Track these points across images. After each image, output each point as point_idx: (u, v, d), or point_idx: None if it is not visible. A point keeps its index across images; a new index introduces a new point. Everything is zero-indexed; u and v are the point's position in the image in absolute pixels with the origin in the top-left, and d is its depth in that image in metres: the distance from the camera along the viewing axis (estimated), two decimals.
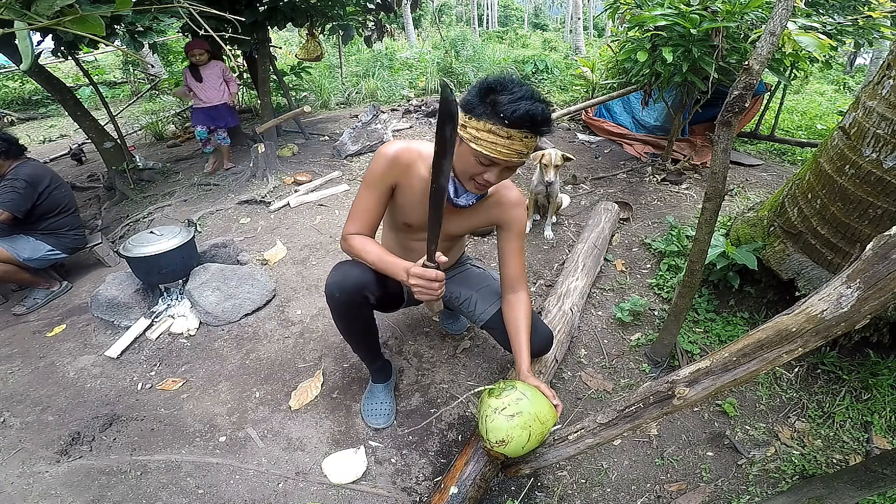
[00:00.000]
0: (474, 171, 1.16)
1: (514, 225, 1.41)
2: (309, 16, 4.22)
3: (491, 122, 1.06)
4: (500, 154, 1.09)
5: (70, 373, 2.06)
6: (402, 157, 1.28)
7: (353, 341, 1.62)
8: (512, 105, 1.04)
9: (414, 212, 1.38)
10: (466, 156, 1.14)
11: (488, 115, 1.07)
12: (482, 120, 1.07)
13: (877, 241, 0.88)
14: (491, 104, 1.06)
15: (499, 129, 1.06)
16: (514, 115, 1.04)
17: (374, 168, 1.29)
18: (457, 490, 1.32)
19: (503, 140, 1.07)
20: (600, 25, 21.14)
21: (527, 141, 1.10)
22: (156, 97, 7.74)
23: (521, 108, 1.04)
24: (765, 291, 2.06)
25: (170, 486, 1.52)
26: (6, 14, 0.60)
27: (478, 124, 1.08)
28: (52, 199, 2.57)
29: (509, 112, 1.04)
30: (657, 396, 1.16)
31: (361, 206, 1.34)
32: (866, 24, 3.12)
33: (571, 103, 6.06)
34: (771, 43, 1.21)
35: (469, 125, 1.10)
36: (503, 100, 1.05)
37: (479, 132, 1.08)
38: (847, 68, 10.27)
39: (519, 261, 1.45)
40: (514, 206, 1.39)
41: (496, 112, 1.05)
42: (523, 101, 1.04)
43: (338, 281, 1.38)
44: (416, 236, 1.50)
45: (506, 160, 1.11)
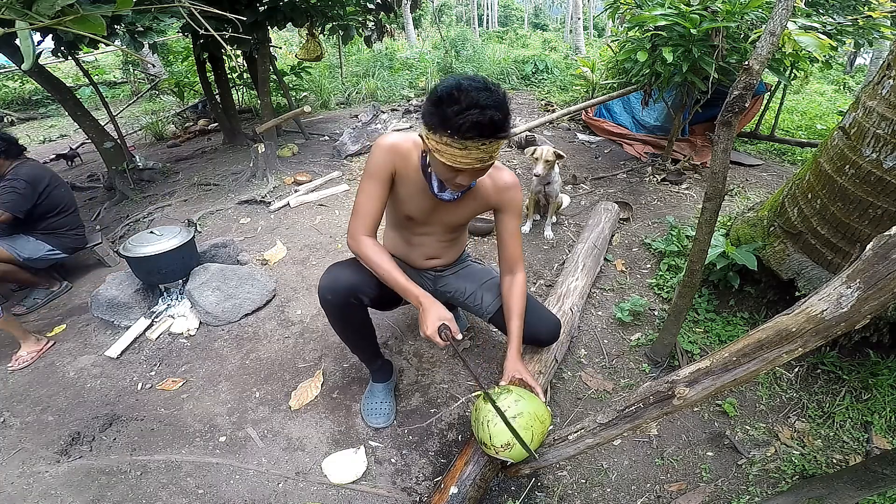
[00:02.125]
0: (447, 176, 1.18)
1: (510, 206, 1.43)
2: (309, 16, 4.21)
3: (446, 136, 1.06)
4: (461, 164, 1.10)
5: (70, 373, 2.06)
6: (399, 146, 1.30)
7: (351, 342, 1.62)
8: (459, 119, 1.02)
9: (414, 203, 1.39)
10: (436, 163, 1.16)
11: (441, 130, 1.06)
12: (437, 133, 1.07)
13: (877, 241, 0.88)
14: (441, 118, 1.05)
15: (453, 141, 1.06)
16: (463, 129, 1.02)
17: (374, 159, 1.31)
18: (457, 490, 1.32)
19: (460, 151, 1.07)
20: (600, 25, 21.14)
21: (485, 148, 1.08)
22: (156, 97, 7.75)
23: (468, 121, 1.01)
24: (765, 291, 2.06)
25: (170, 486, 1.52)
26: (7, 14, 0.60)
27: (435, 137, 1.08)
28: (52, 200, 2.57)
29: (456, 126, 1.02)
30: (657, 396, 1.16)
31: (366, 198, 1.33)
32: (866, 24, 3.12)
33: (571, 103, 6.06)
34: (771, 43, 1.21)
35: (430, 138, 1.10)
36: (450, 113, 1.03)
37: (438, 145, 1.09)
38: (847, 68, 10.26)
39: (516, 241, 1.48)
40: (509, 188, 1.41)
41: (445, 127, 1.05)
42: (470, 113, 1.01)
43: (329, 284, 1.39)
44: (418, 230, 1.51)
45: (469, 167, 1.11)
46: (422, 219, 1.45)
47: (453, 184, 1.21)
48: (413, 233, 1.53)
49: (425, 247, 1.57)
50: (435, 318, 1.24)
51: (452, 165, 1.10)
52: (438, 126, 1.06)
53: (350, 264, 1.46)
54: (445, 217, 1.46)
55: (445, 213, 1.45)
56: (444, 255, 1.64)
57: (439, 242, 1.57)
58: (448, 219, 1.47)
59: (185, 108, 6.74)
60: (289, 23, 4.16)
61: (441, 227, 1.51)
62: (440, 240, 1.56)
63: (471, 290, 1.65)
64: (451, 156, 1.09)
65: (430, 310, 1.25)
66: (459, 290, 1.67)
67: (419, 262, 1.61)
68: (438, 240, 1.56)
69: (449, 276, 1.69)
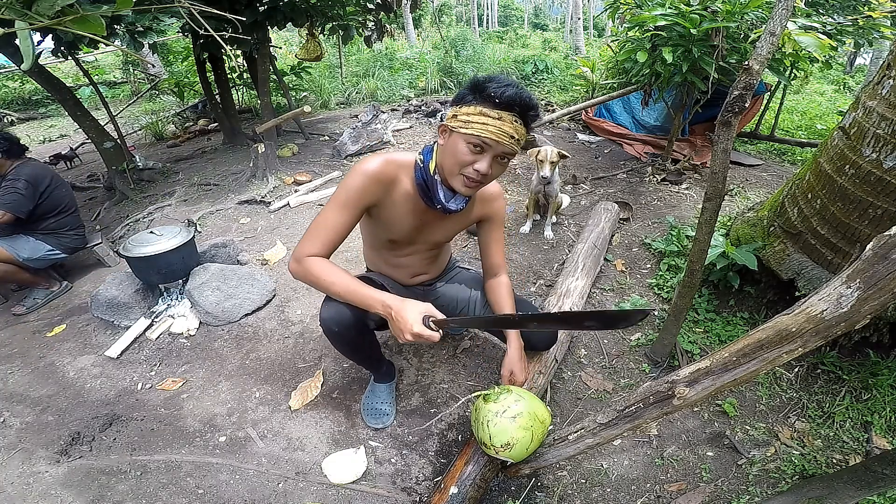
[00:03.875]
0: (466, 161, 1.13)
1: (496, 217, 1.46)
2: (309, 16, 4.22)
3: (481, 105, 1.10)
4: (491, 134, 1.09)
5: (70, 373, 2.06)
6: (384, 174, 1.23)
7: (356, 359, 1.61)
8: (500, 88, 1.08)
9: (399, 227, 1.34)
10: (457, 146, 1.13)
11: (478, 101, 1.10)
12: (472, 104, 1.11)
13: (877, 241, 0.88)
14: (480, 90, 1.10)
15: (489, 110, 1.09)
16: (504, 96, 1.08)
17: (351, 186, 1.20)
18: (457, 490, 1.32)
19: (494, 121, 1.09)
20: (600, 25, 21.13)
21: (516, 126, 1.11)
22: (156, 97, 7.75)
23: (509, 91, 1.09)
24: (765, 291, 2.06)
25: (170, 486, 1.52)
26: (7, 14, 0.60)
27: (468, 109, 1.11)
28: (53, 199, 2.57)
29: (499, 93, 1.08)
30: (657, 396, 1.16)
31: (328, 224, 1.20)
32: (866, 24, 3.12)
33: (571, 103, 6.06)
34: (771, 43, 1.21)
35: (460, 113, 1.12)
36: (492, 86, 1.09)
37: (469, 116, 1.10)
38: (847, 68, 10.26)
39: (500, 248, 1.51)
40: (495, 199, 1.43)
41: (486, 96, 1.09)
42: (510, 87, 1.09)
43: (334, 316, 1.32)
44: (401, 251, 1.47)
45: (497, 140, 1.10)
46: (406, 240, 1.41)
47: (469, 174, 1.14)
48: (395, 254, 1.49)
49: (410, 266, 1.54)
50: (415, 315, 1.07)
51: (481, 135, 1.09)
52: (475, 99, 1.10)
53: None
54: (431, 235, 1.42)
55: (431, 232, 1.41)
56: (431, 270, 1.61)
57: (423, 260, 1.54)
58: (434, 237, 1.43)
59: (185, 108, 6.74)
60: (289, 23, 4.16)
61: (425, 246, 1.47)
62: (424, 257, 1.53)
63: (464, 297, 1.63)
64: (482, 125, 1.09)
65: (404, 309, 1.08)
66: (452, 300, 1.64)
67: (405, 280, 1.58)
68: (422, 257, 1.53)
69: (440, 287, 1.66)
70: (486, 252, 1.50)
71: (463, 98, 1.13)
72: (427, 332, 1.06)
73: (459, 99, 1.14)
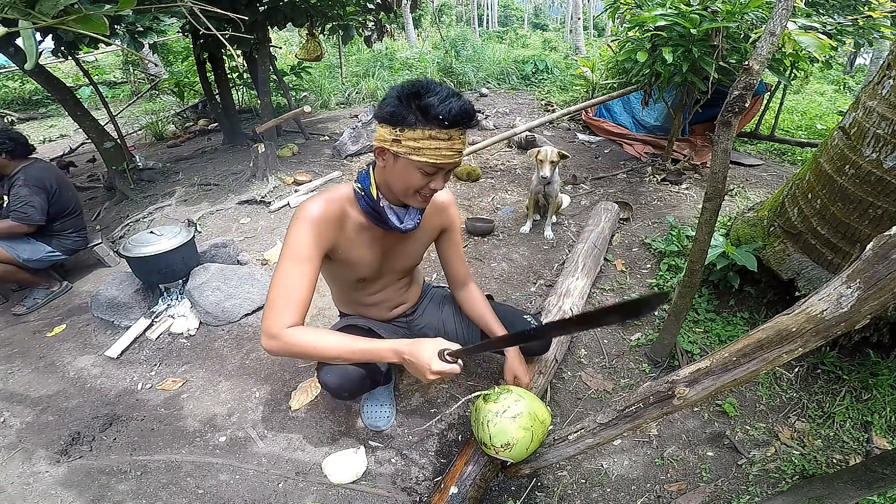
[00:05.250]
0: (419, 184, 1.09)
1: (454, 224, 1.41)
2: (309, 16, 4.22)
3: (428, 129, 1.00)
4: (445, 157, 1.04)
5: (70, 373, 2.06)
6: (330, 214, 1.15)
7: None
8: (445, 105, 0.99)
9: (363, 263, 1.29)
10: (407, 171, 1.06)
11: (423, 122, 1.00)
12: (417, 128, 1.00)
13: (877, 241, 0.88)
14: (421, 110, 1.00)
15: (438, 132, 1.01)
16: (452, 114, 0.99)
17: (301, 237, 1.11)
18: (457, 490, 1.32)
19: (445, 143, 1.02)
20: (600, 25, 21.13)
21: (462, 138, 1.06)
22: (156, 97, 7.74)
23: (455, 107, 0.99)
24: (765, 291, 2.06)
25: (170, 486, 1.52)
26: (10, 13, 0.60)
27: (413, 133, 1.01)
28: (59, 203, 2.55)
29: (446, 112, 0.98)
30: (657, 396, 1.16)
31: (292, 286, 1.10)
32: (866, 24, 3.12)
33: (571, 103, 6.06)
34: (771, 43, 1.21)
35: (404, 137, 1.01)
36: (433, 101, 0.99)
37: (417, 142, 1.01)
38: (847, 68, 10.26)
39: (462, 256, 1.46)
40: (448, 207, 1.37)
41: (431, 116, 0.99)
42: (452, 99, 1.00)
43: (340, 382, 1.28)
44: (372, 288, 1.44)
45: (450, 162, 1.06)
46: (374, 275, 1.36)
47: (424, 193, 1.11)
48: (367, 293, 1.44)
49: (386, 301, 1.50)
50: (430, 353, 1.06)
51: (435, 162, 1.03)
52: (418, 121, 1.00)
53: None
54: (398, 262, 1.38)
55: (397, 258, 1.36)
56: (408, 298, 1.57)
57: (397, 291, 1.51)
58: (401, 263, 1.39)
59: (185, 108, 6.74)
60: (289, 23, 4.16)
61: (395, 276, 1.44)
62: (397, 288, 1.50)
63: (448, 321, 1.60)
64: (436, 150, 1.02)
65: (418, 350, 1.07)
66: (435, 324, 1.61)
67: (385, 315, 1.54)
68: (395, 289, 1.49)
69: (419, 315, 1.63)
70: (449, 263, 1.46)
71: (403, 119, 1.01)
72: (447, 368, 1.05)
73: (397, 119, 1.01)
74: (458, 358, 1.07)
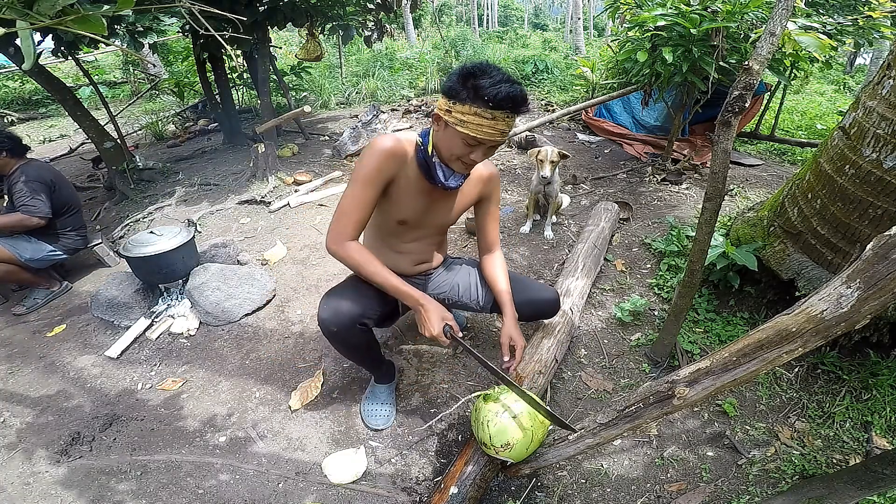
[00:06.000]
0: (461, 153, 1.21)
1: (493, 195, 1.54)
2: (309, 16, 4.22)
3: (475, 106, 1.12)
4: (485, 134, 1.15)
5: (70, 373, 2.06)
6: (397, 150, 1.29)
7: (356, 360, 1.63)
8: (494, 88, 1.09)
9: (409, 206, 1.39)
10: (452, 138, 1.20)
11: (472, 99, 1.12)
12: (466, 104, 1.13)
13: (877, 241, 0.88)
14: (473, 89, 1.12)
15: (483, 111, 1.12)
16: (498, 98, 1.10)
17: (369, 163, 1.27)
18: (457, 490, 1.32)
19: (488, 121, 1.13)
20: (600, 25, 21.12)
21: (508, 120, 1.16)
22: (156, 97, 7.74)
23: (502, 91, 1.10)
24: (765, 291, 2.06)
25: (170, 486, 1.52)
26: (8, 14, 0.60)
27: (462, 108, 1.13)
28: (58, 200, 2.56)
29: (493, 94, 1.09)
30: (657, 396, 1.16)
31: (356, 202, 1.29)
32: (866, 24, 3.12)
33: (571, 103, 6.06)
34: (771, 43, 1.21)
35: (454, 110, 1.15)
36: (485, 83, 1.10)
37: (464, 115, 1.14)
38: (847, 68, 10.26)
39: (496, 225, 1.60)
40: (492, 178, 1.51)
41: (480, 96, 1.11)
42: (503, 84, 1.10)
43: (332, 316, 1.36)
44: (409, 236, 1.51)
45: (490, 139, 1.17)
46: (415, 221, 1.45)
47: (465, 162, 1.24)
48: (403, 239, 1.52)
49: (415, 253, 1.57)
50: (438, 319, 1.30)
51: (476, 136, 1.15)
52: (469, 97, 1.12)
53: (346, 290, 1.45)
54: (438, 217, 1.48)
55: (438, 213, 1.46)
56: (433, 259, 1.66)
57: (429, 246, 1.60)
58: (441, 218, 1.48)
59: (185, 108, 6.74)
60: (289, 23, 4.16)
61: (433, 229, 1.54)
62: (430, 242, 1.60)
63: (464, 285, 1.67)
64: (478, 125, 1.14)
65: (432, 310, 1.30)
66: (453, 287, 1.68)
67: (408, 268, 1.60)
68: (429, 243, 1.59)
69: (438, 276, 1.70)
70: (483, 229, 1.59)
71: (457, 94, 1.14)
72: (442, 338, 1.30)
73: (453, 93, 1.15)
74: (453, 339, 1.31)
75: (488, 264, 1.59)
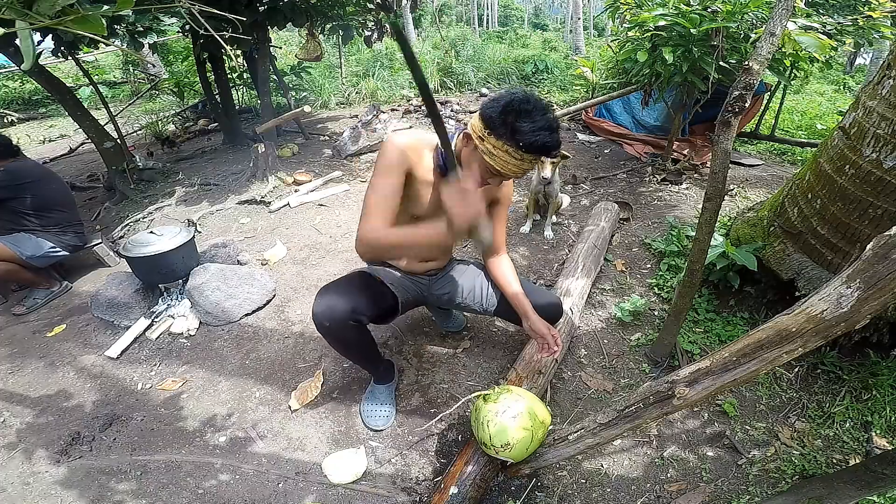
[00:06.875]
0: (483, 177, 1.25)
1: (505, 199, 1.56)
2: (309, 16, 4.22)
3: (509, 145, 1.13)
4: (509, 171, 1.18)
5: (70, 373, 2.06)
6: (413, 147, 1.31)
7: (352, 358, 1.63)
8: (532, 136, 1.10)
9: (423, 202, 1.41)
10: (479, 162, 1.21)
11: (507, 138, 1.12)
12: (501, 139, 1.13)
13: (877, 241, 0.88)
14: (511, 128, 1.11)
15: (514, 151, 1.13)
16: (533, 146, 1.11)
17: (387, 157, 1.29)
18: (457, 490, 1.32)
19: (515, 160, 1.15)
20: (600, 25, 21.12)
21: (534, 161, 1.19)
22: (156, 97, 7.74)
23: (539, 140, 1.11)
24: (765, 291, 2.06)
25: (170, 486, 1.52)
26: (7, 14, 0.60)
27: (495, 142, 1.14)
28: (43, 195, 2.55)
29: (529, 141, 1.11)
30: (657, 396, 1.16)
31: (382, 194, 1.27)
32: (866, 24, 3.11)
33: (571, 103, 6.06)
34: (771, 43, 1.21)
35: (487, 140, 1.15)
36: (525, 127, 1.10)
37: (494, 149, 1.15)
38: (847, 68, 10.25)
39: (503, 229, 1.62)
40: (507, 184, 1.53)
41: (514, 138, 1.11)
42: (542, 133, 1.11)
43: (325, 311, 1.35)
44: None
45: (513, 175, 1.21)
46: (429, 218, 1.46)
47: (485, 183, 1.27)
48: None
49: None
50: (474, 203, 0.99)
51: (500, 170, 1.17)
52: (505, 135, 1.12)
53: (342, 286, 1.44)
54: None
55: None
56: (440, 257, 1.66)
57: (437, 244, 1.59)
58: None
59: (185, 108, 6.74)
60: (289, 23, 4.16)
61: None
62: None
63: (468, 286, 1.67)
64: (504, 163, 1.15)
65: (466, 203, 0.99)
66: (457, 288, 1.68)
67: (413, 266, 1.61)
68: None
69: (442, 277, 1.70)
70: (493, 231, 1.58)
71: (494, 127, 1.13)
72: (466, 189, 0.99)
73: (491, 124, 1.13)
74: None
75: (497, 267, 1.60)
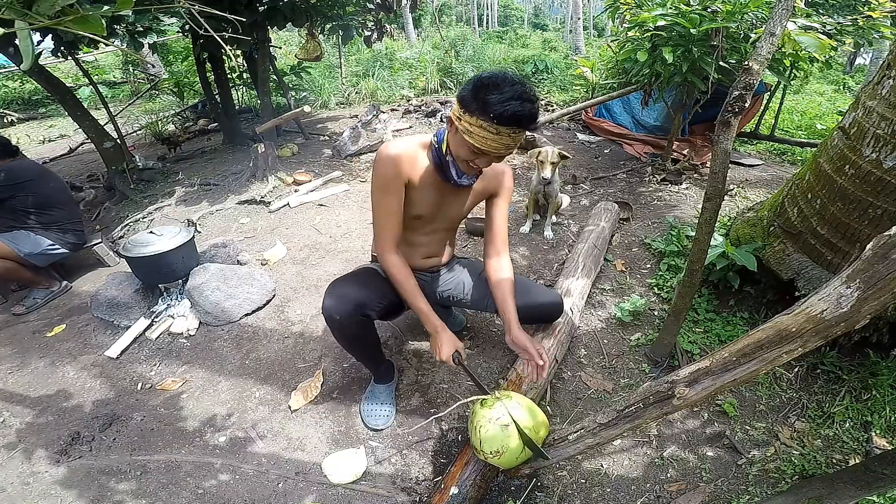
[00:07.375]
0: (467, 157, 1.26)
1: (505, 191, 1.55)
2: (309, 16, 4.22)
3: (482, 119, 1.14)
4: (489, 147, 1.18)
5: (70, 373, 2.06)
6: (405, 154, 1.34)
7: (356, 354, 1.64)
8: (501, 106, 1.11)
9: (424, 202, 1.43)
10: (461, 144, 1.24)
11: (479, 113, 1.14)
12: (474, 116, 1.15)
13: (877, 241, 0.88)
14: (482, 102, 1.13)
15: (488, 125, 1.14)
16: (503, 116, 1.12)
17: (383, 172, 1.32)
18: (457, 490, 1.32)
19: (492, 135, 1.16)
20: (600, 25, 21.12)
21: (514, 136, 1.18)
22: (156, 97, 7.74)
23: (508, 110, 1.11)
24: (765, 291, 2.06)
25: (170, 486, 1.52)
26: (7, 14, 0.60)
27: (470, 119, 1.16)
28: (43, 194, 2.56)
29: (498, 112, 1.12)
30: (657, 396, 1.16)
31: (386, 212, 1.37)
32: (866, 24, 3.11)
33: (571, 103, 6.06)
34: (771, 43, 1.21)
35: (463, 118, 1.18)
36: (493, 99, 1.11)
37: (471, 126, 1.17)
38: (847, 68, 10.25)
39: (504, 224, 1.59)
40: (503, 174, 1.53)
41: (486, 111, 1.13)
42: (512, 102, 1.11)
43: (336, 304, 1.38)
44: (424, 228, 1.55)
45: (495, 152, 1.21)
46: (430, 216, 1.49)
47: (471, 165, 1.29)
48: (418, 232, 1.56)
49: (426, 246, 1.61)
50: (450, 347, 1.37)
51: (480, 147, 1.18)
52: (477, 110, 1.14)
53: (352, 280, 1.48)
54: (452, 210, 1.52)
55: (451, 206, 1.51)
56: (443, 253, 1.68)
57: (441, 240, 1.64)
58: (454, 211, 1.53)
59: (185, 108, 6.74)
60: (289, 23, 4.16)
61: (446, 223, 1.58)
62: (442, 237, 1.63)
63: (469, 284, 1.69)
64: (482, 138, 1.17)
65: (446, 339, 1.38)
66: (458, 286, 1.70)
67: (417, 262, 1.63)
68: (441, 237, 1.62)
69: (445, 274, 1.72)
70: (493, 226, 1.58)
71: (467, 105, 1.16)
72: (450, 363, 1.37)
73: (464, 102, 1.17)
74: (460, 364, 1.39)
75: (494, 269, 1.55)
